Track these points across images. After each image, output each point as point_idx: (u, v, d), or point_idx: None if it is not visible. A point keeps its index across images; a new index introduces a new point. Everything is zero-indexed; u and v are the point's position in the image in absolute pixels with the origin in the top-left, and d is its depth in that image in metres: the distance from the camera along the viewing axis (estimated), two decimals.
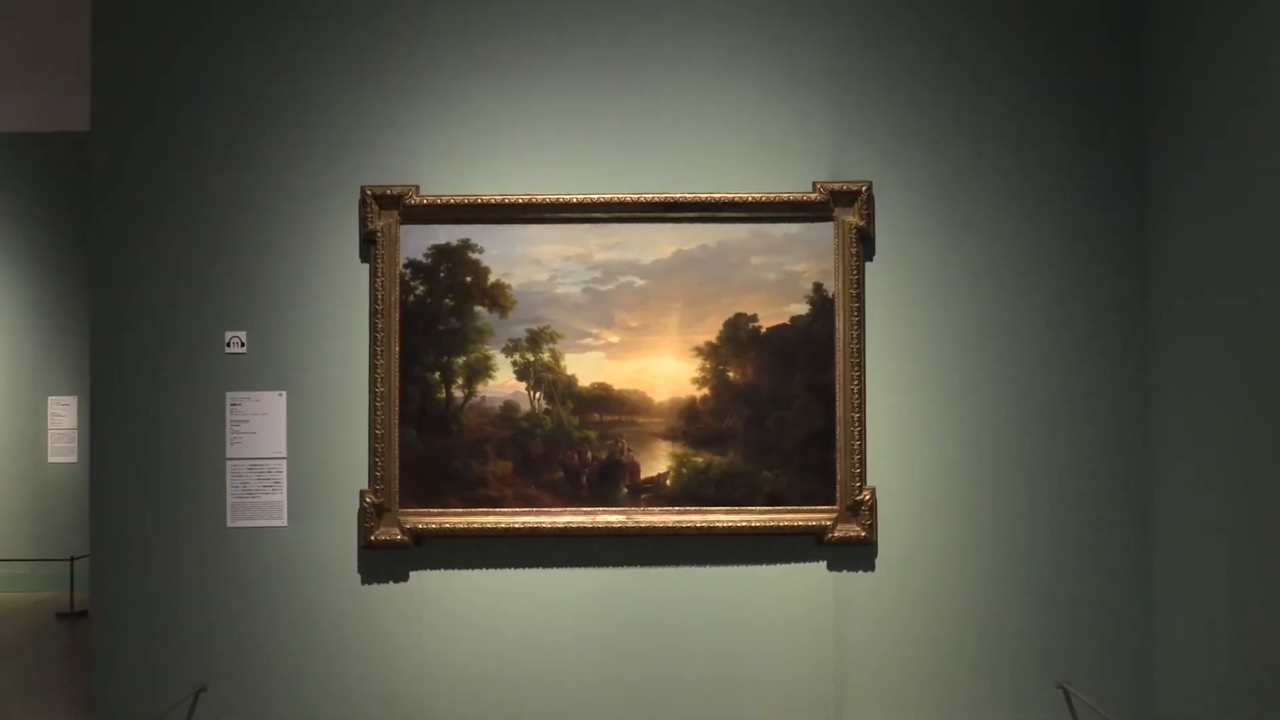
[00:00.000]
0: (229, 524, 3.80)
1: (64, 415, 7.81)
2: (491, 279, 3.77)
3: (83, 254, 7.79)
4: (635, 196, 3.74)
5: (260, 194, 3.82)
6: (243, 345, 3.80)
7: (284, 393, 3.80)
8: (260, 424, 3.79)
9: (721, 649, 3.80)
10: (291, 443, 3.80)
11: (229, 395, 3.80)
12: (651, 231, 3.76)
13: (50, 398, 7.82)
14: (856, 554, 3.81)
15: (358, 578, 3.79)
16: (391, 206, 3.76)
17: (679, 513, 3.73)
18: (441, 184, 3.81)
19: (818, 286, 3.79)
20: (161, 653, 3.79)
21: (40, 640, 6.30)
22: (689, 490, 3.74)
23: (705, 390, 3.76)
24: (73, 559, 7.20)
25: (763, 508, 3.75)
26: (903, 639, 3.82)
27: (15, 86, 7.87)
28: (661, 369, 3.73)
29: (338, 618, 3.79)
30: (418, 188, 3.78)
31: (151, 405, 3.81)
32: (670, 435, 3.73)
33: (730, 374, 3.76)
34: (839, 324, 3.78)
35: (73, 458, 7.79)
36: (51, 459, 7.80)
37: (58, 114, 7.71)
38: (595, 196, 3.74)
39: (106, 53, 3.85)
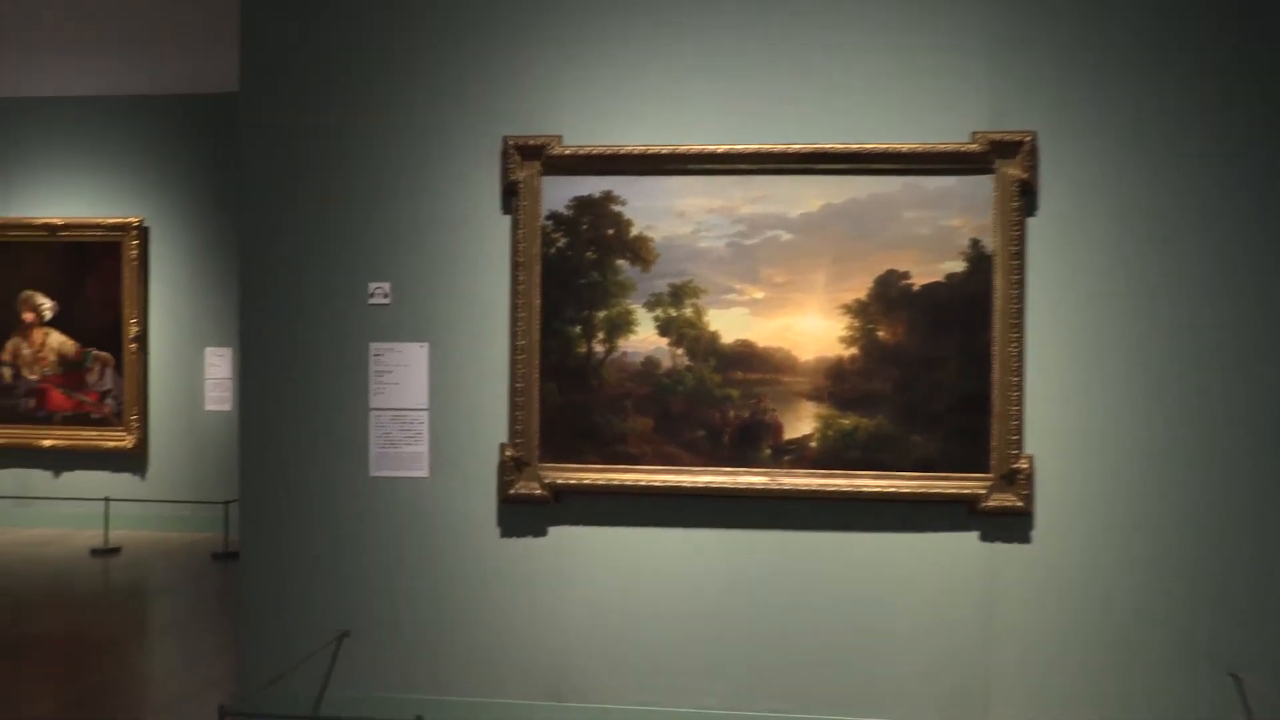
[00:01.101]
0: (371, 474, 3.85)
1: (219, 365, 8.16)
2: (634, 232, 3.69)
3: (236, 211, 8.07)
4: (783, 148, 3.59)
5: (403, 146, 3.82)
6: (386, 297, 3.83)
7: (426, 344, 3.82)
8: (403, 375, 3.82)
9: (863, 619, 3.67)
10: (433, 394, 3.82)
11: (372, 346, 3.84)
12: (799, 184, 3.61)
13: (207, 349, 8.17)
14: (1011, 525, 3.61)
15: (497, 531, 3.80)
16: (534, 157, 3.71)
17: (824, 476, 3.59)
18: (584, 134, 3.73)
19: (975, 243, 3.57)
20: (305, 597, 3.89)
21: (196, 579, 6.62)
22: (834, 453, 3.60)
23: (853, 350, 3.60)
24: (226, 503, 7.53)
25: (912, 473, 3.58)
26: (1058, 616, 3.61)
27: (171, 51, 8.17)
28: (807, 327, 3.59)
29: (477, 570, 3.81)
30: (560, 138, 3.72)
31: (297, 356, 3.89)
32: (815, 395, 3.59)
33: (880, 333, 3.59)
34: (997, 282, 3.55)
35: (227, 406, 8.13)
36: (208, 407, 8.16)
37: (212, 76, 7.98)
38: (741, 148, 3.61)
39: (255, 14, 3.90)
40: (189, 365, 8.20)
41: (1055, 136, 3.59)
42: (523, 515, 3.79)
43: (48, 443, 8.22)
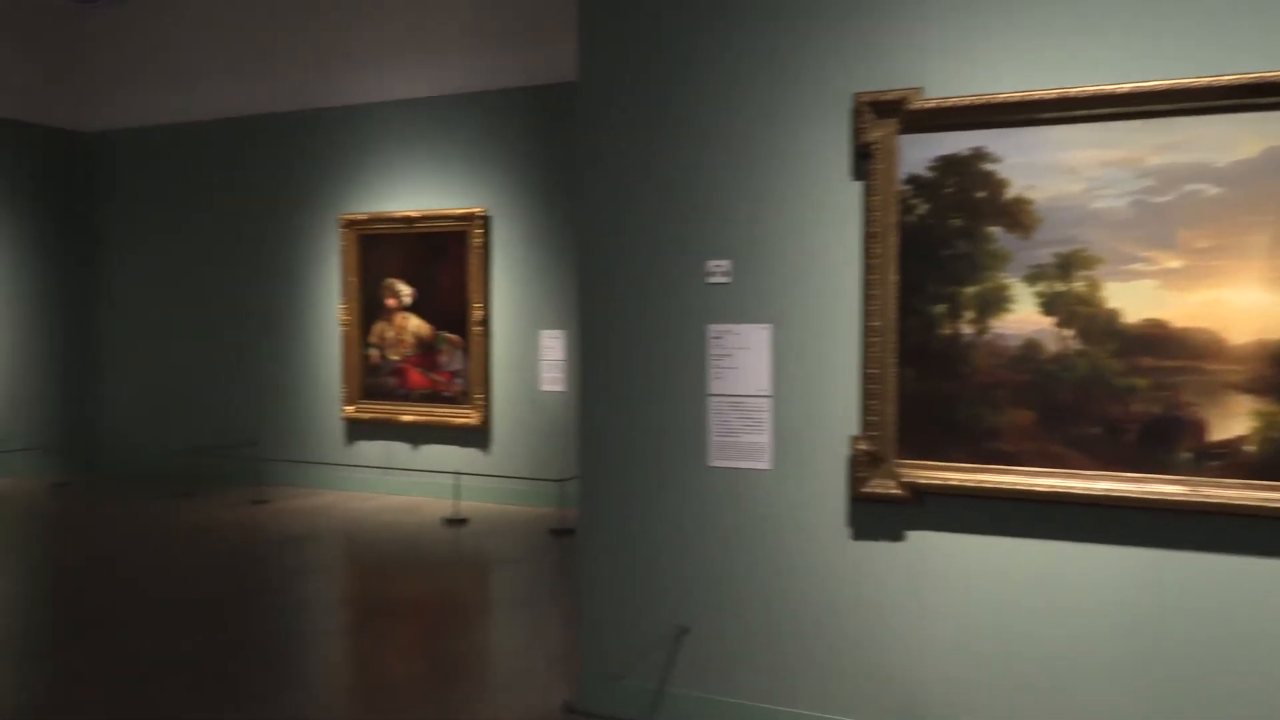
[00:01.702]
0: (710, 463, 3.61)
1: (554, 347, 8.37)
2: (1010, 193, 3.15)
3: (571, 197, 8.23)
4: (1208, 81, 2.90)
5: (743, 117, 3.51)
6: (726, 275, 3.55)
7: (769, 326, 3.50)
8: (743, 359, 3.54)
9: None
10: (777, 380, 3.50)
11: (710, 328, 3.59)
12: (1230, 125, 2.91)
13: (542, 331, 8.41)
14: None
15: (847, 532, 3.43)
16: (889, 114, 3.27)
17: (1264, 488, 2.89)
18: (948, 84, 3.24)
19: None
20: (644, 583, 3.72)
21: (535, 553, 6.79)
22: (1278, 460, 2.88)
23: None
24: (562, 480, 7.70)
25: None
26: None
27: (510, 47, 8.44)
28: (1242, 302, 2.89)
29: (824, 573, 3.46)
30: (920, 90, 3.25)
31: (634, 338, 3.71)
32: (1252, 388, 2.89)
33: None
34: None
35: (561, 386, 8.33)
36: (543, 387, 8.41)
37: (545, 68, 8.16)
38: (1152, 85, 2.96)
39: (594, 2, 3.75)
40: (526, 347, 8.48)
41: None
42: (877, 516, 3.38)
43: (407, 418, 8.82)
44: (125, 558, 6.77)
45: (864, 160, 3.33)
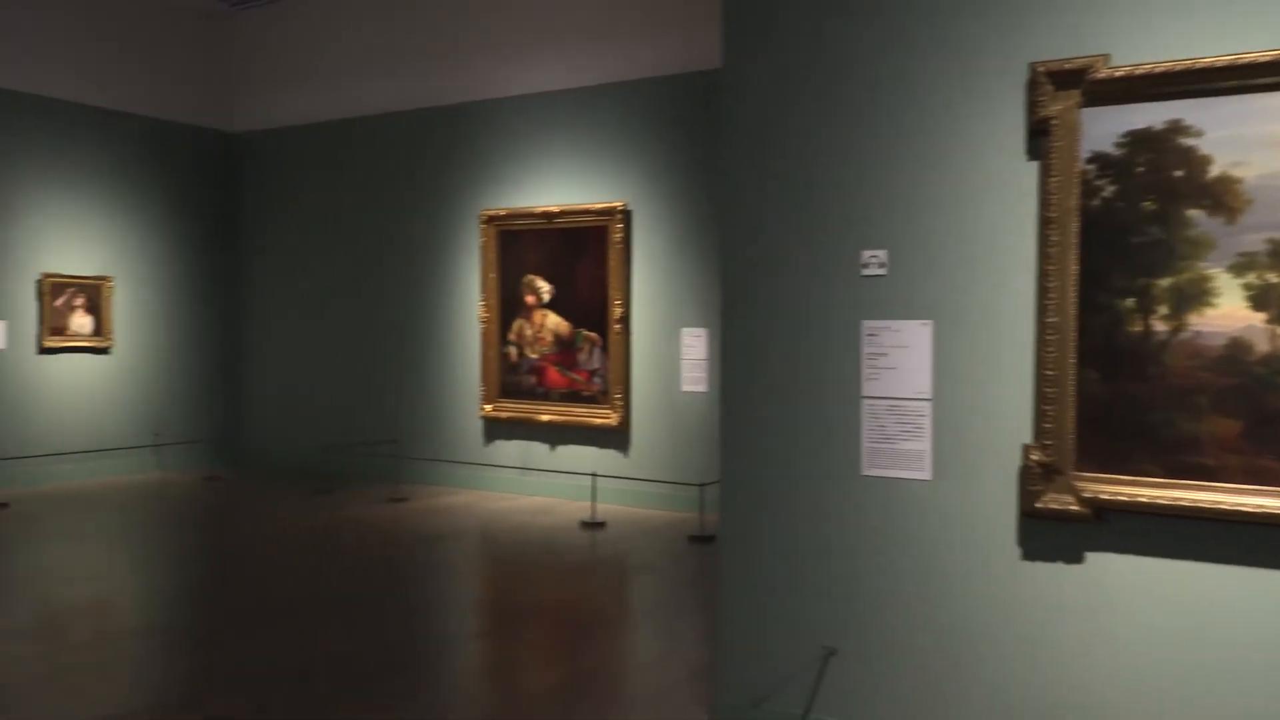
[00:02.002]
0: (862, 471, 3.32)
1: (695, 346, 8.16)
2: (1213, 171, 2.77)
3: (713, 190, 8.01)
4: None
5: (901, 88, 3.22)
6: (882, 266, 3.27)
7: (930, 322, 3.20)
8: (901, 358, 3.24)
9: None
10: (938, 382, 3.19)
11: (865, 325, 3.30)
12: None
13: (683, 329, 8.21)
14: None
15: (1016, 552, 3.09)
16: (1071, 85, 2.93)
17: None
18: (1138, 50, 2.88)
19: None
20: (786, 599, 3.47)
21: (673, 560, 6.60)
22: None
23: None
24: (702, 485, 7.48)
25: None
26: None
27: (649, 35, 8.29)
28: None
29: (989, 598, 3.13)
30: (1106, 57, 2.89)
31: (781, 335, 3.46)
32: None
33: None
34: None
35: (703, 387, 8.11)
36: (684, 387, 8.21)
37: (684, 56, 7.97)
38: None
39: None
40: (667, 345, 8.30)
41: None
42: (1052, 535, 3.03)
43: (545, 417, 8.78)
44: (269, 554, 6.91)
45: (1041, 138, 2.99)
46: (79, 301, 9.51)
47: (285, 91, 10.46)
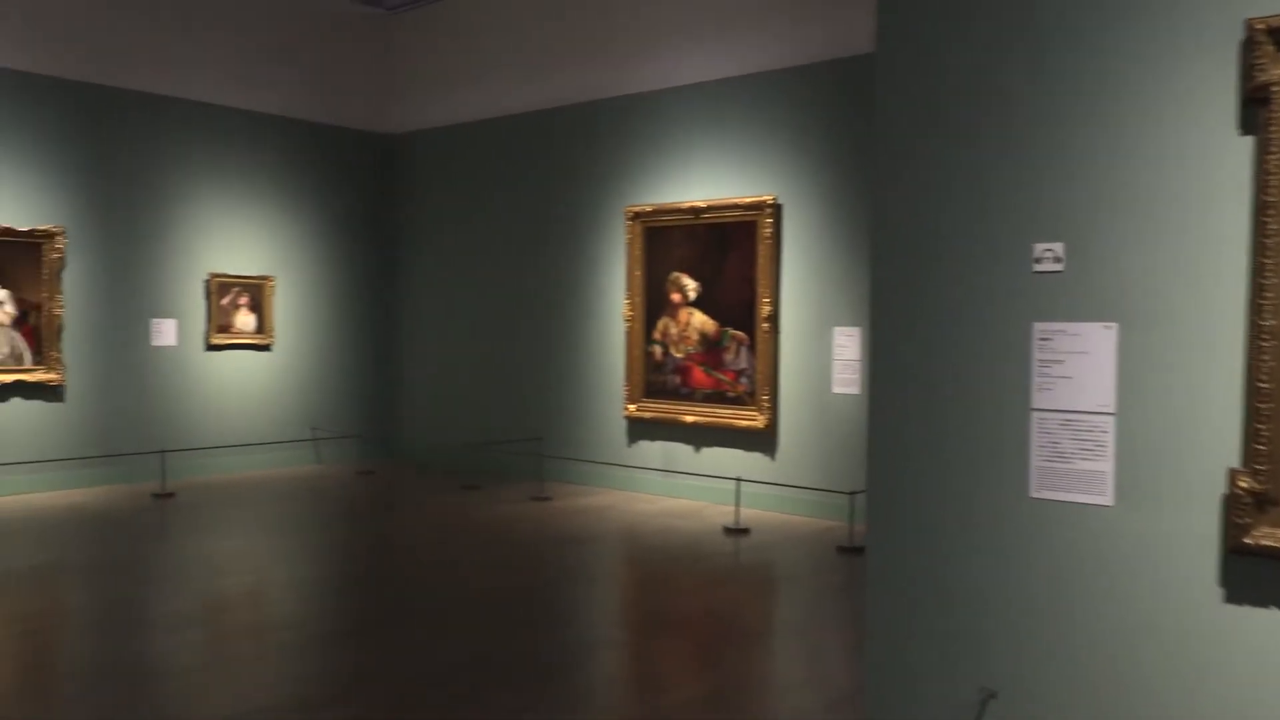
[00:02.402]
0: (1031, 493, 2.92)
1: (847, 346, 7.75)
2: None
3: (867, 180, 7.59)
4: None
5: (1078, 54, 2.80)
6: (1057, 261, 2.86)
7: (1114, 325, 2.77)
8: (1079, 366, 2.83)
9: None
10: (1123, 394, 2.76)
11: (1037, 327, 2.90)
12: None
13: (835, 328, 7.81)
14: None
15: (1218, 594, 2.64)
16: None
17: None
18: None
19: None
20: (941, 634, 3.10)
21: (820, 573, 6.25)
22: None
23: None
24: (853, 493, 7.09)
25: None
26: None
27: (800, 19, 7.92)
28: None
29: (1181, 643, 2.69)
30: None
31: (938, 337, 3.09)
32: None
33: None
34: None
35: (855, 389, 7.70)
36: (835, 390, 7.81)
37: (846, 40, 7.57)
38: None
39: None
40: (817, 346, 7.92)
41: None
42: (1262, 576, 2.57)
43: (689, 419, 8.53)
44: (417, 550, 6.93)
45: (1257, 107, 2.53)
46: (243, 300, 9.86)
47: (440, 92, 10.58)
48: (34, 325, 8.47)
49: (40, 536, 6.96)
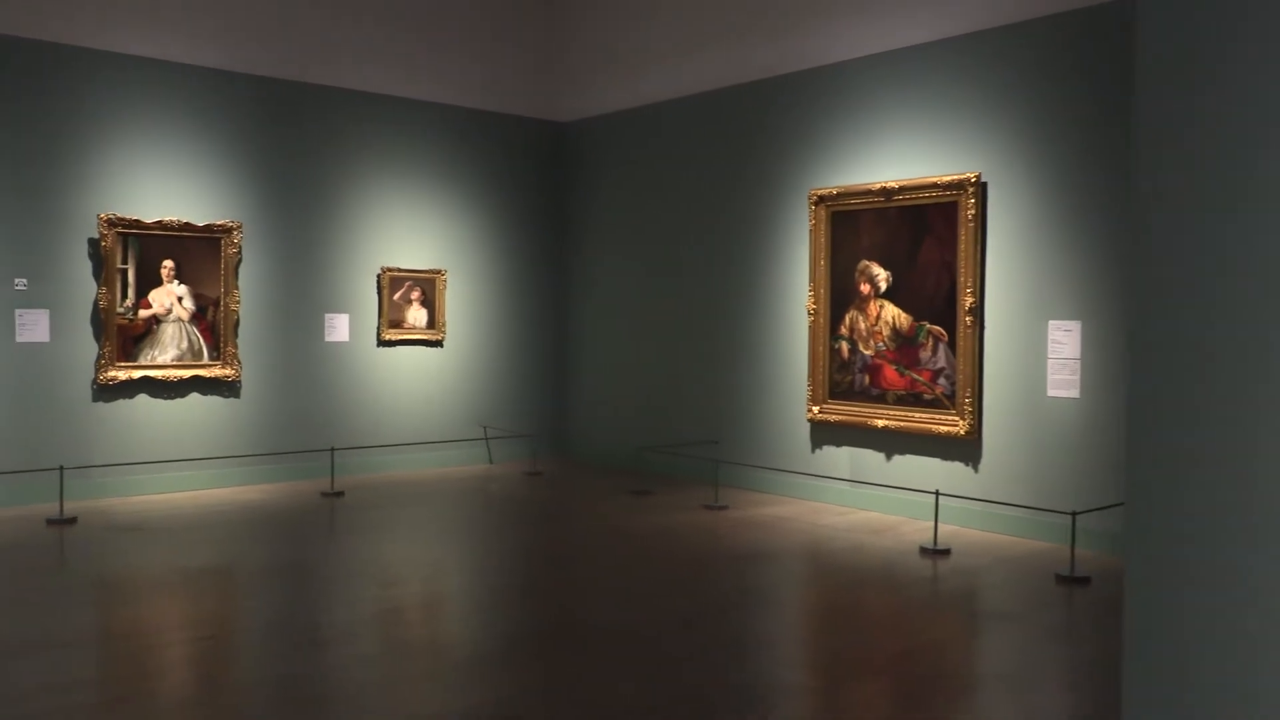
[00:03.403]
0: None
1: (1065, 343, 6.74)
2: None
3: (1090, 154, 6.56)
4: None
5: None
6: None
7: None
8: None
9: None
10: None
11: None
12: None
13: (1050, 322, 6.81)
14: None
15: None
16: None
17: None
18: None
19: None
20: (1220, 698, 2.30)
21: (1036, 607, 5.35)
22: None
23: None
24: (1074, 513, 6.10)
25: None
26: None
27: None
28: None
29: None
30: None
31: (1228, 335, 2.30)
32: None
33: None
34: None
35: (1074, 392, 6.68)
36: (1050, 393, 6.81)
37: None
38: None
39: None
40: (1029, 342, 6.94)
41: None
42: None
43: (880, 423, 7.71)
44: (585, 562, 6.45)
45: None
46: (415, 295, 9.69)
47: (610, 77, 10.11)
48: (211, 321, 8.50)
49: (212, 536, 6.88)
